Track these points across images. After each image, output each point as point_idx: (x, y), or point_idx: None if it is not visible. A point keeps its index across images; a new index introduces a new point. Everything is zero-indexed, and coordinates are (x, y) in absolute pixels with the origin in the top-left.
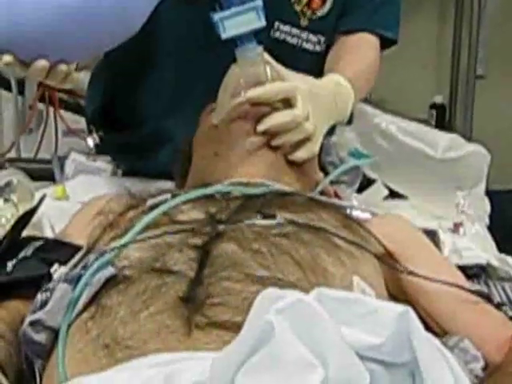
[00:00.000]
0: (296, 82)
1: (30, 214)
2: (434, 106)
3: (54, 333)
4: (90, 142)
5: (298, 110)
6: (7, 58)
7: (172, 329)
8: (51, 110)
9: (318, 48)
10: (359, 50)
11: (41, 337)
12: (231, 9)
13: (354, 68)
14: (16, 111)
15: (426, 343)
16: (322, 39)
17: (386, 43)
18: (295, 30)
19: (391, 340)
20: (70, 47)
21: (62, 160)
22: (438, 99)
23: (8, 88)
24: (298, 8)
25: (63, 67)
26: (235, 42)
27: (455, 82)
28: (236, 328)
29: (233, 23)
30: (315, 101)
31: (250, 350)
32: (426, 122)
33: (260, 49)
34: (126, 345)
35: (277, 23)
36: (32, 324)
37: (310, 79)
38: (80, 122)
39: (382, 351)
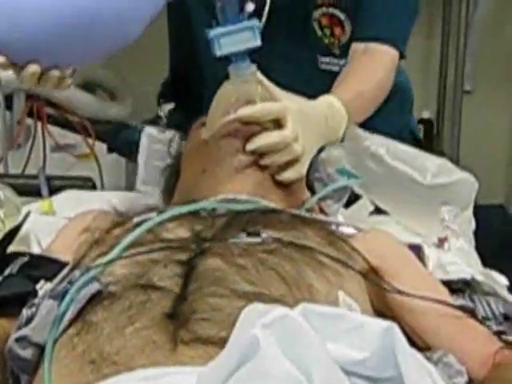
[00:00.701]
0: (287, 103)
1: (15, 230)
2: (421, 121)
3: (40, 349)
4: (160, 113)
5: (288, 131)
6: (0, 59)
7: (158, 344)
8: (39, 125)
9: None
10: (366, 69)
11: (27, 353)
12: (227, 26)
13: (352, 90)
14: (4, 126)
15: (411, 359)
16: None
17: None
18: (333, 59)
19: (376, 355)
20: (65, 52)
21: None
22: (426, 114)
23: None
24: (326, 40)
25: (56, 73)
26: (229, 58)
27: (442, 98)
28: (221, 343)
29: (228, 41)
30: (305, 122)
31: (236, 365)
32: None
33: (254, 68)
34: (112, 360)
35: (318, 56)
36: (18, 340)
37: (302, 100)
38: (68, 137)
39: (367, 366)
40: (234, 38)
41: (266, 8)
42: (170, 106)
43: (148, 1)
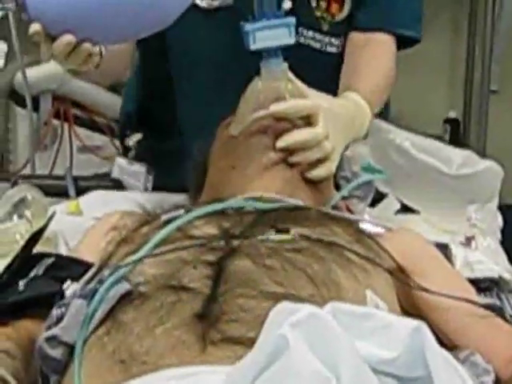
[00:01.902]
0: (318, 101)
1: (40, 232)
2: (447, 120)
3: (70, 348)
4: (128, 144)
5: (319, 129)
6: (35, 26)
7: (187, 344)
8: (66, 126)
9: (340, 50)
10: (377, 60)
11: (56, 352)
12: (263, 21)
13: (371, 83)
14: (31, 128)
15: (440, 358)
16: (344, 42)
17: (407, 42)
18: (318, 35)
19: (405, 354)
20: (100, 27)
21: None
22: (452, 114)
23: (23, 104)
24: (318, 14)
25: (88, 46)
26: (261, 54)
27: (469, 97)
28: (250, 343)
29: (263, 36)
30: (335, 120)
31: (265, 364)
32: (439, 137)
33: (285, 65)
34: (141, 360)
35: (300, 29)
36: (48, 340)
37: (331, 98)
38: (95, 139)
39: (396, 365)
40: (270, 33)
41: None
42: (137, 136)
43: None
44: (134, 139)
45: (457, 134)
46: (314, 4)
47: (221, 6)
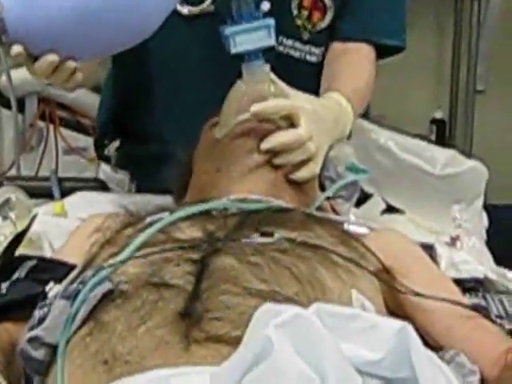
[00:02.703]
0: (301, 102)
1: (22, 234)
2: (434, 121)
3: (53, 349)
4: (108, 153)
5: (302, 130)
6: (17, 48)
7: (170, 344)
8: (51, 128)
9: (320, 59)
10: (357, 65)
11: (39, 353)
12: (243, 24)
13: (352, 85)
14: (16, 129)
15: (425, 359)
16: (324, 52)
17: (390, 50)
18: (298, 44)
19: (390, 355)
20: (82, 44)
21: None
22: (438, 114)
23: (8, 106)
24: (299, 22)
25: (72, 64)
26: (242, 57)
27: (455, 97)
28: (234, 342)
29: (244, 39)
30: (318, 121)
31: (249, 365)
32: (425, 137)
33: (267, 67)
34: (124, 360)
35: (280, 37)
36: (30, 341)
37: (314, 99)
38: (80, 140)
39: (381, 367)
40: (250, 36)
41: None
42: (115, 143)
43: None
44: (112, 147)
45: (443, 134)
46: (295, 12)
47: (202, 13)
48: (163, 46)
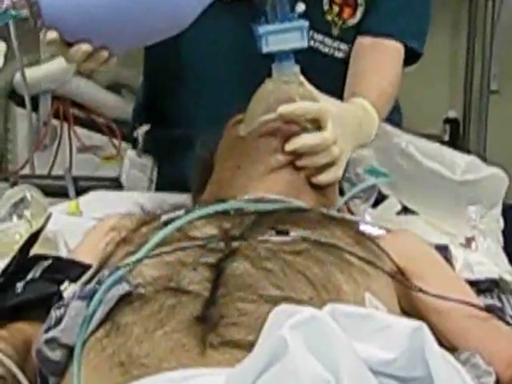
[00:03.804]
0: (327, 106)
1: (37, 233)
2: (447, 120)
3: (69, 350)
4: (136, 136)
5: (328, 133)
6: (52, 34)
7: (186, 347)
8: (65, 126)
9: (346, 56)
10: (383, 64)
11: (56, 354)
12: (276, 24)
13: (377, 89)
14: (30, 128)
15: (440, 358)
16: (351, 48)
17: (408, 56)
18: (327, 39)
19: (405, 355)
20: (117, 33)
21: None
22: (452, 114)
23: (22, 104)
24: (329, 18)
25: (105, 53)
26: (273, 57)
27: (469, 97)
28: (249, 347)
29: (276, 39)
30: (343, 125)
31: (264, 366)
32: (438, 137)
33: (297, 68)
34: (141, 363)
35: (311, 32)
36: (47, 342)
37: (340, 103)
38: (94, 139)
39: (396, 366)
40: (282, 36)
41: None
42: (145, 127)
43: None
44: (141, 130)
45: (456, 134)
46: (326, 7)
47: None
48: (199, 33)
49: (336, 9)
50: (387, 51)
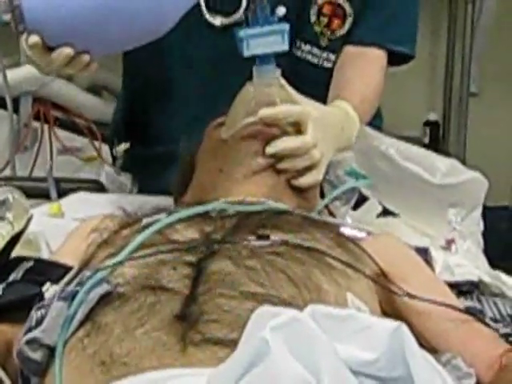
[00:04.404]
0: (309, 109)
1: (18, 235)
2: (427, 123)
3: (51, 350)
4: (116, 153)
5: (308, 137)
6: (34, 38)
7: (167, 346)
8: (46, 128)
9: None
10: (367, 72)
11: (37, 355)
12: (257, 27)
13: (360, 95)
14: (11, 129)
15: (420, 359)
16: None
17: (400, 57)
18: (315, 50)
19: (385, 355)
20: (99, 38)
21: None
22: (432, 116)
23: (3, 106)
24: (317, 29)
25: (86, 58)
26: (254, 60)
27: (448, 100)
28: (231, 344)
29: (257, 42)
30: (324, 129)
31: (246, 367)
32: (418, 139)
33: (278, 72)
34: (122, 362)
35: (298, 42)
36: (28, 342)
37: (322, 107)
38: (75, 140)
39: (376, 367)
40: (263, 40)
41: None
42: (124, 146)
43: None
44: (121, 149)
45: (437, 137)
46: (313, 19)
47: (233, 23)
48: (182, 51)
49: (324, 20)
50: (371, 60)
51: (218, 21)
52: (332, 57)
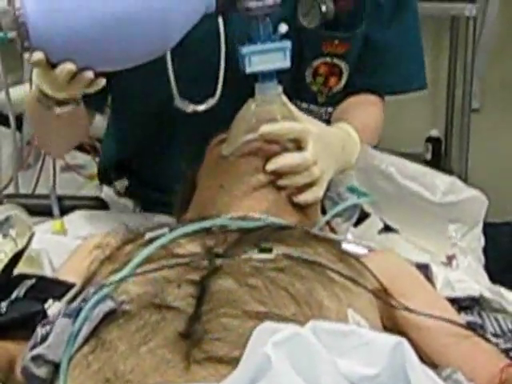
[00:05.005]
0: (309, 126)
1: (21, 253)
2: (429, 139)
3: (55, 367)
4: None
5: (309, 154)
6: (38, 55)
7: (171, 363)
8: None
9: None
10: (366, 107)
11: (42, 371)
12: (259, 44)
13: (362, 122)
14: (14, 147)
15: (422, 374)
16: None
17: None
18: (313, 106)
19: (386, 371)
20: (102, 55)
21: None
22: (434, 133)
23: (6, 124)
24: (314, 88)
25: (89, 74)
26: (256, 77)
27: (450, 116)
28: (234, 362)
29: (259, 59)
30: (325, 146)
31: (248, 383)
32: (420, 155)
33: (280, 89)
34: (126, 379)
35: (297, 102)
36: (33, 359)
37: (323, 125)
38: (77, 158)
39: (377, 382)
40: (265, 57)
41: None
42: (124, 182)
43: (189, 9)
44: (120, 185)
45: (439, 153)
46: (308, 80)
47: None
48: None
49: (321, 79)
50: (372, 100)
51: (189, 108)
52: (330, 109)
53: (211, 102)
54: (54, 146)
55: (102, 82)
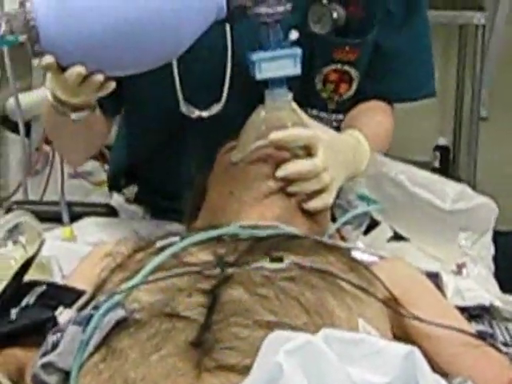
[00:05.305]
0: (320, 133)
1: (31, 260)
2: (437, 147)
3: (66, 374)
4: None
5: (319, 160)
6: (49, 58)
7: (182, 372)
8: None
9: None
10: (377, 114)
11: (52, 379)
12: (269, 51)
13: (372, 130)
14: (23, 153)
15: (433, 383)
16: None
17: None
18: (323, 114)
19: (398, 379)
20: (113, 59)
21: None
22: (442, 141)
23: (14, 130)
24: (324, 95)
25: (100, 77)
26: (266, 84)
27: (459, 124)
28: (244, 371)
29: (269, 66)
30: (335, 153)
31: None
32: (429, 164)
33: (290, 96)
34: None
35: (304, 107)
36: (44, 366)
37: (333, 132)
38: (85, 164)
39: None
40: (275, 63)
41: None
42: (133, 189)
43: (201, 15)
44: (130, 191)
45: (447, 161)
46: (319, 87)
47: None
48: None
49: (331, 86)
50: (384, 108)
51: (194, 113)
52: (340, 116)
53: (216, 107)
54: (72, 153)
55: (112, 85)
